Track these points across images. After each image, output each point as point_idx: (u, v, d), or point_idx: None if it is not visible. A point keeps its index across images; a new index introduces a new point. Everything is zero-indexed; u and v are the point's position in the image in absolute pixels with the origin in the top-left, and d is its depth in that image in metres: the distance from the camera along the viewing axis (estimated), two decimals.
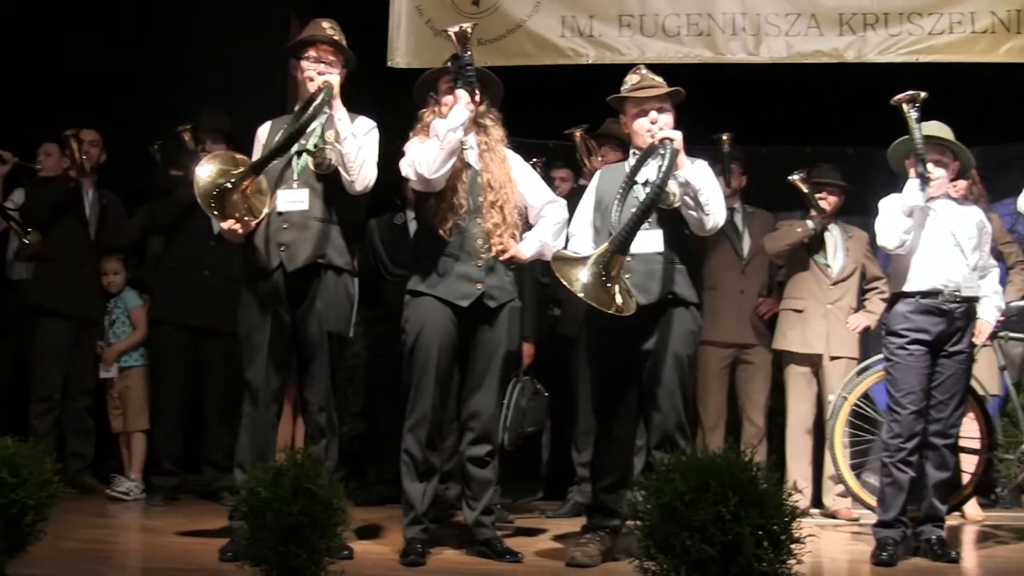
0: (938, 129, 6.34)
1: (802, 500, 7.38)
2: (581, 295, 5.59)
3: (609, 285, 5.59)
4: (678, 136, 5.83)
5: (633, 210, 5.68)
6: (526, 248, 6.11)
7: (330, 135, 6.03)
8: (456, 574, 5.72)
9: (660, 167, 5.68)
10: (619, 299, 5.59)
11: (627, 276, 5.72)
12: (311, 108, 5.92)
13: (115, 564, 5.95)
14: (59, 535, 5.47)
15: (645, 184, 5.87)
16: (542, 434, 8.47)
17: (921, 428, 6.28)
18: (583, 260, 5.67)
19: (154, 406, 8.33)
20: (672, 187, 5.78)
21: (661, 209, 5.80)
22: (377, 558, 5.97)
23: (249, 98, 8.82)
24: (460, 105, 5.92)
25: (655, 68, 6.28)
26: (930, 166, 6.23)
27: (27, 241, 8.72)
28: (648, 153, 5.86)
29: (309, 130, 6.02)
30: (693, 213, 5.85)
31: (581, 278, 5.59)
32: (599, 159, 7.97)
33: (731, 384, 8.44)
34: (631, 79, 6.15)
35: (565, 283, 5.65)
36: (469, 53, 5.96)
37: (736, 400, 8.47)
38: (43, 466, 4.72)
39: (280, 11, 9.27)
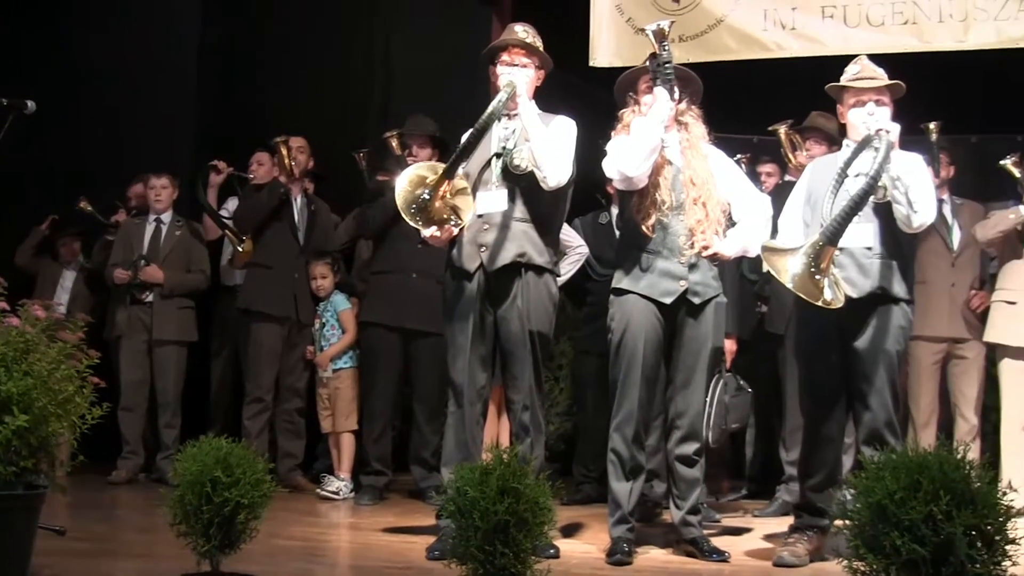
0: None
1: (1017, 499, 7.16)
2: (790, 286, 5.53)
3: (818, 277, 5.51)
4: (895, 128, 5.72)
5: (845, 202, 5.60)
6: (729, 245, 6.06)
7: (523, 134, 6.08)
8: (662, 573, 5.70)
9: (874, 158, 5.58)
10: (828, 292, 5.51)
11: (837, 270, 5.64)
12: (490, 107, 5.96)
13: (325, 561, 6.06)
14: (271, 533, 5.59)
15: (857, 176, 5.78)
16: (746, 431, 8.41)
17: None
18: (793, 251, 5.60)
19: (364, 407, 8.43)
20: (884, 180, 5.67)
21: (872, 203, 5.71)
22: (583, 557, 5.98)
23: (454, 103, 8.94)
24: (659, 103, 5.91)
25: None
26: None
27: (241, 249, 8.96)
28: (863, 145, 5.77)
29: (508, 132, 6.09)
30: (902, 209, 5.73)
31: (791, 268, 5.52)
32: (804, 153, 7.88)
33: (943, 380, 8.26)
34: (851, 68, 6.06)
35: (774, 273, 5.61)
36: (667, 51, 5.94)
37: (948, 396, 8.29)
38: (256, 466, 4.83)
39: (483, 16, 9.35)
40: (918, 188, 5.71)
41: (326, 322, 8.62)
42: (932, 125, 8.08)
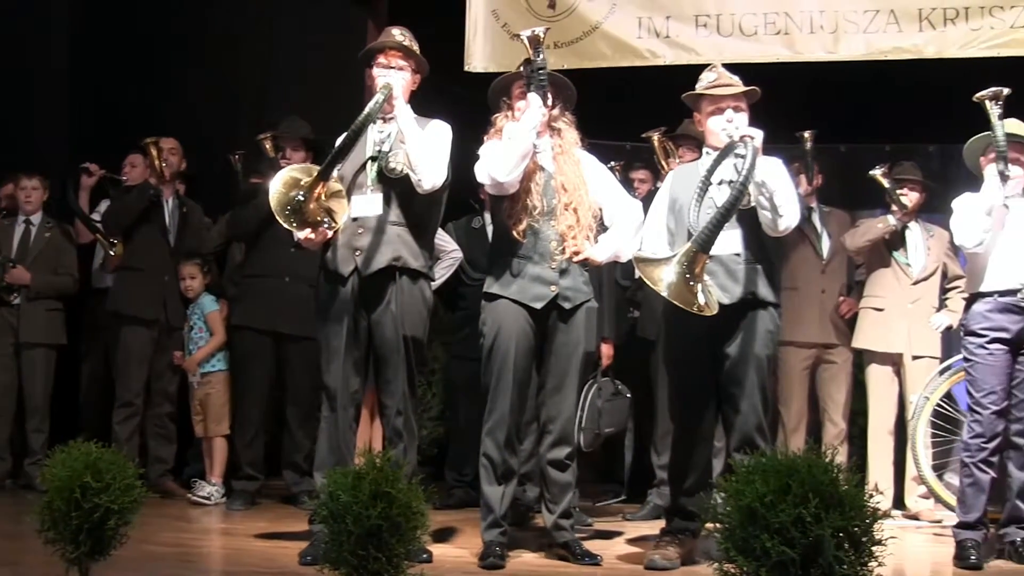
0: (1018, 127, 6.28)
1: (884, 502, 7.34)
2: (665, 294, 5.53)
3: (693, 284, 5.53)
4: (759, 134, 5.75)
5: (711, 210, 5.65)
6: (600, 250, 6.09)
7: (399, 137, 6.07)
8: None
9: (742, 165, 5.61)
10: (702, 298, 5.54)
11: (708, 277, 5.67)
12: (366, 109, 5.95)
13: (197, 567, 5.99)
14: (142, 539, 5.51)
15: (721, 183, 5.83)
16: (624, 436, 8.45)
17: (1003, 428, 6.22)
18: (667, 260, 5.61)
19: (236, 411, 8.37)
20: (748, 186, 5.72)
21: (738, 209, 5.76)
22: (456, 561, 5.97)
23: (329, 106, 8.90)
24: (532, 109, 5.93)
25: (732, 67, 6.23)
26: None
27: (112, 252, 8.83)
28: (726, 152, 5.80)
29: (383, 135, 6.07)
30: (767, 214, 5.79)
31: (665, 277, 5.53)
32: (677, 160, 7.94)
33: (812, 385, 8.38)
34: (707, 76, 6.09)
35: (649, 283, 5.60)
36: (542, 57, 5.95)
37: (817, 401, 8.41)
38: (126, 471, 4.77)
39: (358, 19, 9.31)
40: (782, 192, 5.76)
41: (194, 325, 8.55)
42: (807, 134, 8.22)
